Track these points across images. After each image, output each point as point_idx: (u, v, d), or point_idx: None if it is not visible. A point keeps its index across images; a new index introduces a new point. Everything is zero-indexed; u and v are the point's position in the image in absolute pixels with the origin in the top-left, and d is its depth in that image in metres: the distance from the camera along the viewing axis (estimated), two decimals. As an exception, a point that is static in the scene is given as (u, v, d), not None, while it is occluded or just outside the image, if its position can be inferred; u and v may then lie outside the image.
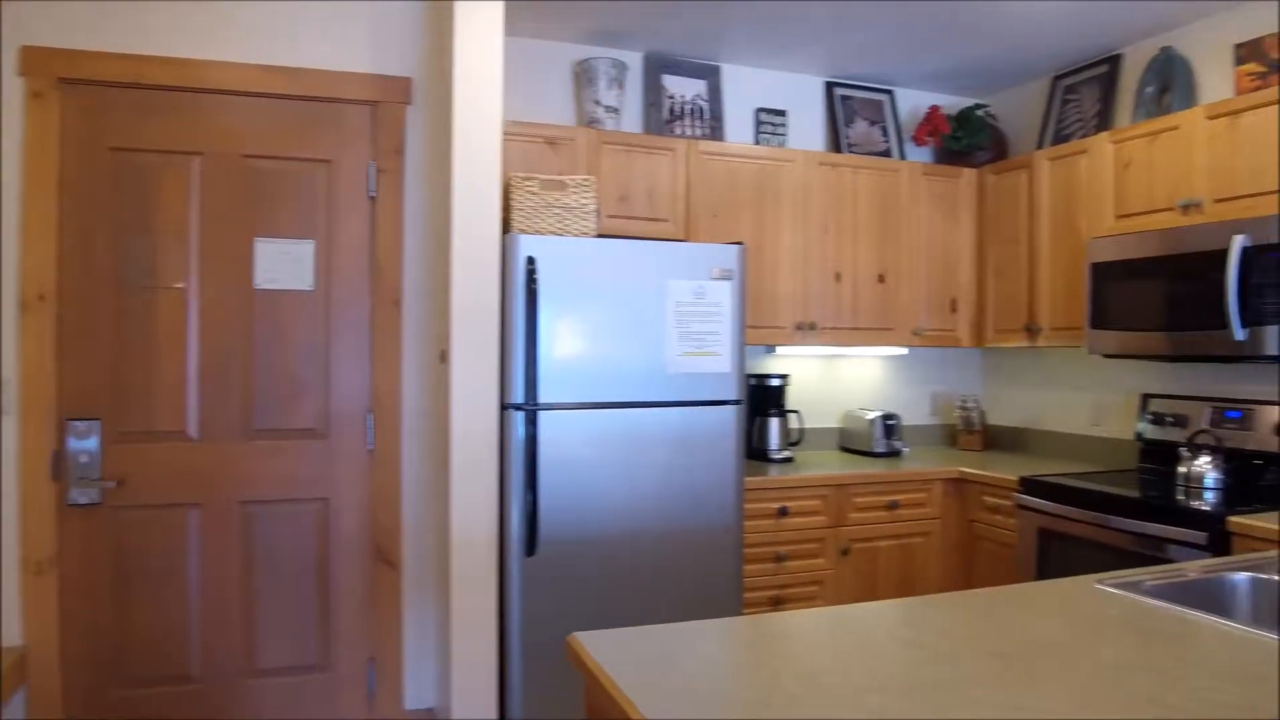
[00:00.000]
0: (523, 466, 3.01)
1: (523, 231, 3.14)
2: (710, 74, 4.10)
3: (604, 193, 3.58)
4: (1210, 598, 1.97)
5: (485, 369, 2.99)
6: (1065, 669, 1.40)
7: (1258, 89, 3.25)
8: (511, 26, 3.68)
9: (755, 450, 3.98)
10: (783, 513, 3.54)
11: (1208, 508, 2.83)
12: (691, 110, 4.04)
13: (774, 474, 3.59)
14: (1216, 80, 3.51)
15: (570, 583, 3.07)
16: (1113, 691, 1.31)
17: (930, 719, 1.19)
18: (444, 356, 3.16)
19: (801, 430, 4.17)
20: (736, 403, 3.32)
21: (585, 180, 3.24)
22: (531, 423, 3.02)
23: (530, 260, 3.01)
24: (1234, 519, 2.70)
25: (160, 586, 3.17)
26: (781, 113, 4.24)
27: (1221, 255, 2.98)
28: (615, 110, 3.80)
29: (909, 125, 4.53)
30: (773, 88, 4.29)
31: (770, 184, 3.88)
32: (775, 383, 4.06)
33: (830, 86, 4.37)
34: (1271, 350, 2.85)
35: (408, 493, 3.43)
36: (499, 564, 3.04)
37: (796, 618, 1.64)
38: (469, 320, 2.97)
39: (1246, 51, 3.33)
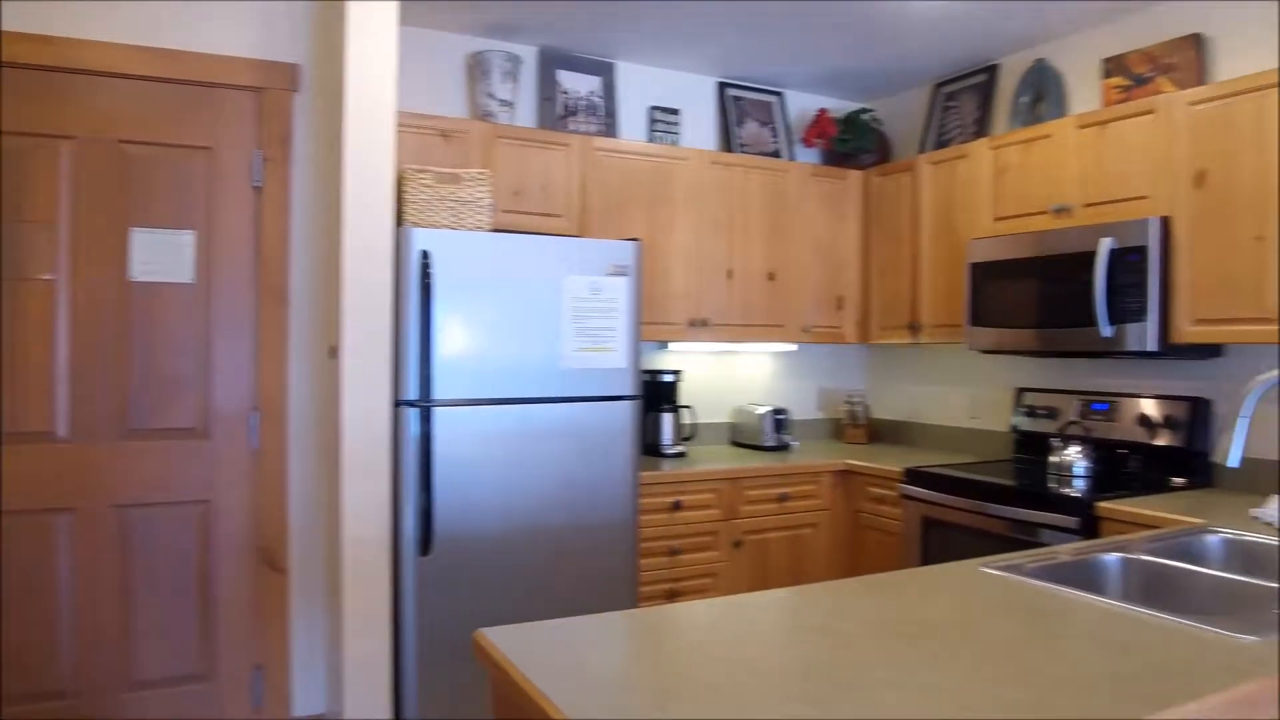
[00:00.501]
0: (417, 464, 2.96)
1: (416, 225, 3.08)
2: (605, 71, 4.11)
3: (498, 187, 3.55)
4: (1084, 577, 2.09)
5: (378, 365, 2.93)
6: (959, 645, 1.46)
7: (1123, 101, 3.45)
8: (404, 16, 3.61)
9: (649, 445, 4.01)
10: (676, 507, 3.58)
11: (1078, 494, 2.99)
12: (586, 106, 4.04)
13: (667, 469, 3.62)
14: (1086, 92, 3.71)
15: (467, 581, 3.04)
16: (1005, 665, 1.37)
17: (840, 698, 1.23)
18: (334, 352, 3.08)
19: (694, 425, 4.22)
20: (632, 398, 3.34)
21: (480, 174, 3.20)
22: (426, 420, 2.97)
23: (424, 254, 2.96)
24: (1102, 504, 2.86)
25: (28, 597, 2.99)
26: (675, 111, 4.28)
27: (1090, 257, 3.15)
28: (509, 104, 3.77)
29: (798, 127, 4.64)
30: (666, 86, 4.33)
31: (664, 182, 3.92)
32: (668, 378, 4.10)
33: (722, 87, 4.44)
34: (1134, 346, 3.03)
35: (295, 494, 3.33)
36: (393, 564, 2.98)
37: (701, 608, 1.66)
38: (361, 315, 2.90)
39: (1113, 65, 3.53)
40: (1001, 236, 3.53)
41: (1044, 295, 3.34)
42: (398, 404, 2.98)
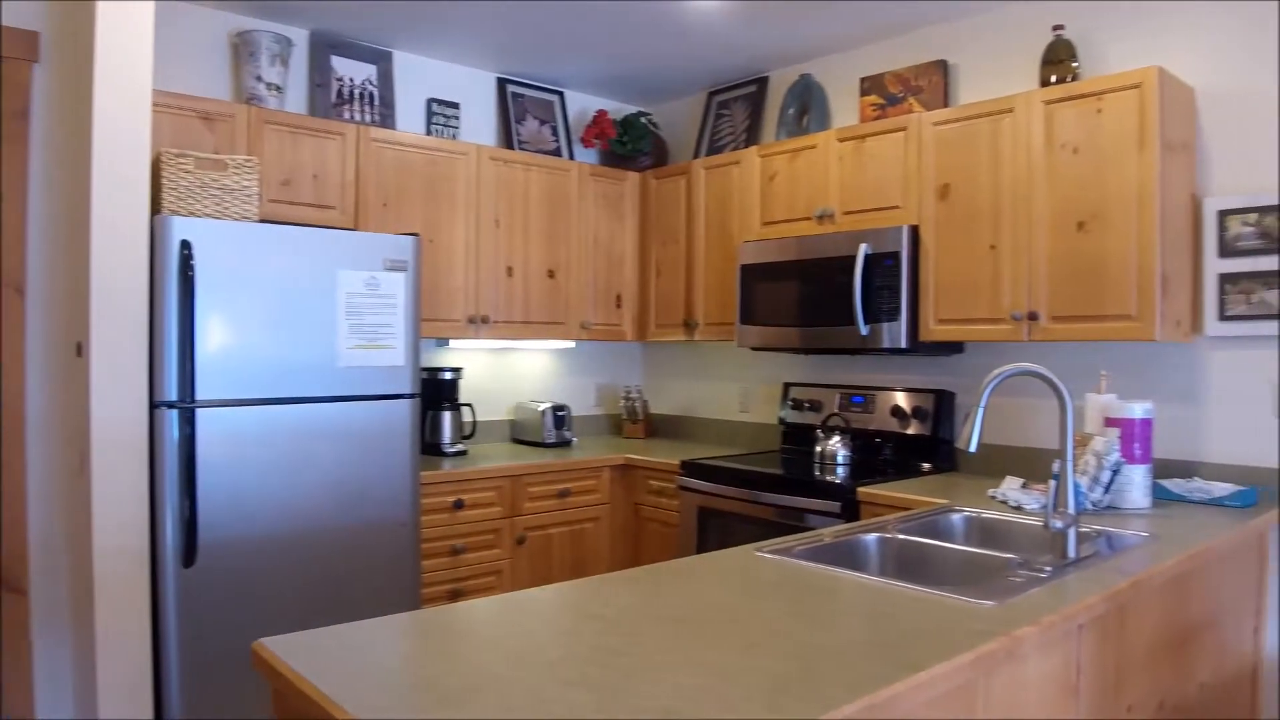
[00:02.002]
0: (178, 470, 2.77)
1: (175, 213, 2.89)
2: (382, 59, 3.99)
3: (266, 175, 3.37)
4: (848, 556, 2.25)
5: (132, 363, 2.71)
6: (734, 625, 1.53)
7: (878, 118, 3.73)
8: (159, -12, 3.36)
9: (428, 444, 3.93)
10: (458, 505, 3.53)
11: (840, 481, 3.21)
12: (361, 95, 3.91)
13: (448, 467, 3.57)
14: (846, 107, 3.99)
15: (237, 591, 2.87)
16: (776, 640, 1.46)
17: (619, 681, 1.27)
18: (81, 350, 2.82)
19: (474, 423, 4.19)
20: (411, 396, 3.28)
21: (247, 160, 3.04)
22: (188, 422, 2.78)
23: (185, 244, 2.77)
24: (861, 489, 3.08)
25: None
26: (455, 105, 4.22)
27: (850, 261, 3.38)
28: (279, 89, 3.58)
29: (577, 127, 4.69)
30: (446, 80, 4.26)
31: (443, 176, 3.86)
32: (448, 376, 4.04)
33: (503, 83, 4.42)
34: (887, 344, 3.29)
35: (35, 507, 3.02)
36: (152, 577, 2.77)
37: (487, 604, 1.66)
38: (112, 309, 2.68)
39: (870, 84, 3.81)
40: (770, 240, 3.73)
41: (808, 296, 3.55)
42: (155, 405, 2.77)
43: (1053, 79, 3.09)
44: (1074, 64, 3.08)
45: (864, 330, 3.34)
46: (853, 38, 3.84)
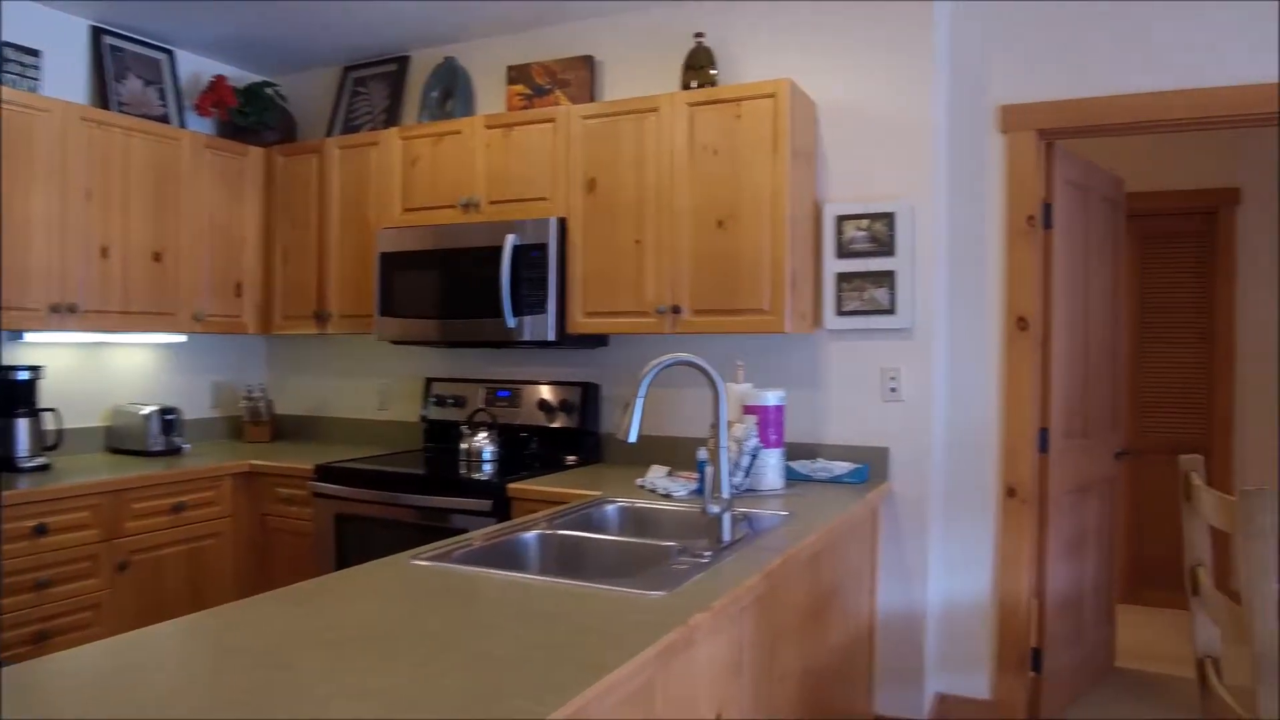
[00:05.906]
0: None
1: None
2: (-70, -12, 3.27)
3: None
4: (509, 556, 2.15)
5: None
6: (402, 643, 1.38)
7: (525, 108, 3.67)
8: None
9: (-1, 457, 3.29)
10: (41, 531, 2.97)
11: (488, 478, 3.11)
12: (-99, 29, 3.17)
13: (25, 485, 3.00)
14: (492, 94, 3.89)
15: None
16: (446, 655, 1.33)
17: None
18: None
19: (59, 432, 3.56)
20: (-24, 398, 2.70)
21: None
22: None
23: None
24: (512, 485, 3.01)
25: None
26: (35, 53, 3.56)
27: (496, 252, 3.30)
28: None
29: (191, 92, 4.17)
30: (23, 20, 3.58)
31: (19, 136, 3.23)
32: (24, 376, 3.40)
33: (98, 32, 3.81)
34: (535, 336, 3.24)
35: None
36: None
37: (98, 649, 1.36)
38: None
39: (516, 73, 3.74)
40: (412, 227, 3.54)
41: (452, 287, 3.42)
42: None
43: (693, 84, 3.21)
44: (713, 70, 3.23)
45: (511, 322, 3.27)
46: (498, 24, 3.76)
